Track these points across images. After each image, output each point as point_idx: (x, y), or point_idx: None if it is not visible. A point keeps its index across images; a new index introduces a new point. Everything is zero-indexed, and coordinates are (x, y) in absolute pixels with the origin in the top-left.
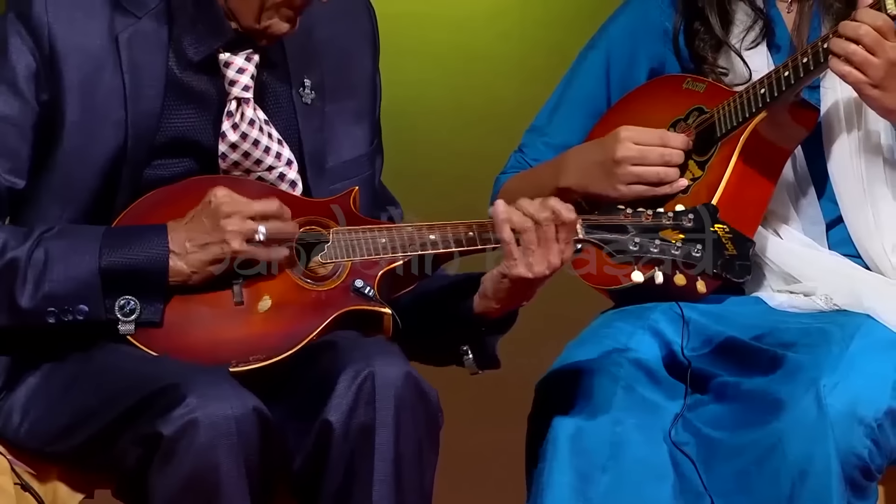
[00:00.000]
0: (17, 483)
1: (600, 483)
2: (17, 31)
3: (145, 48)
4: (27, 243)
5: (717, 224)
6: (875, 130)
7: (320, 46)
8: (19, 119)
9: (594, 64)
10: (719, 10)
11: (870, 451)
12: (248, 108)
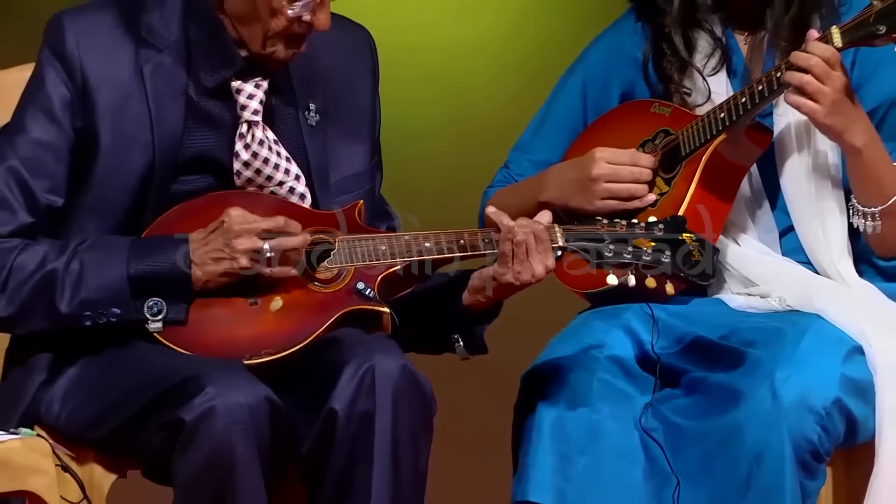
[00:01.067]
0: (58, 464)
1: (579, 464)
2: (52, 64)
3: (167, 78)
4: (64, 255)
5: (685, 233)
6: (823, 151)
7: (324, 75)
8: (56, 144)
9: (573, 89)
10: (683, 34)
11: (819, 436)
12: (258, 129)
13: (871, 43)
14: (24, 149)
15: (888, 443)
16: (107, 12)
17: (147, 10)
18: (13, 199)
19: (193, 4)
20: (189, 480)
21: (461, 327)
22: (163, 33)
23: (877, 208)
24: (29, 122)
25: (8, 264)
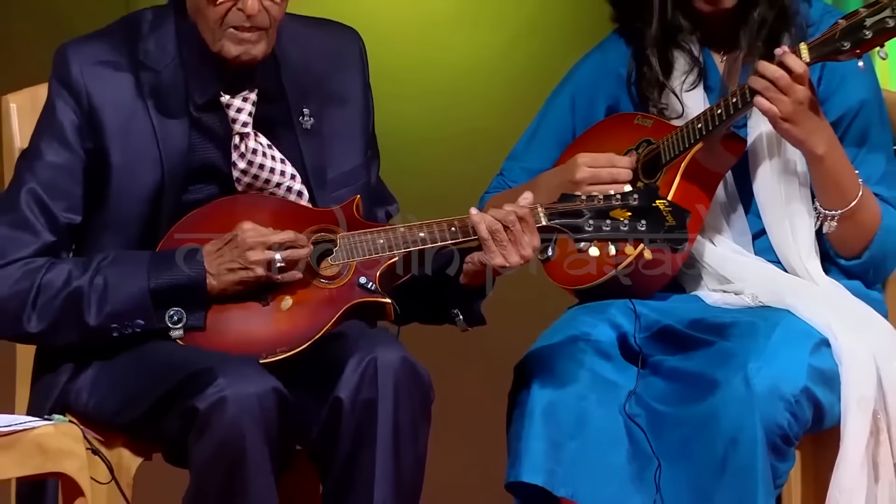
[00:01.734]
0: (89, 448)
1: (568, 448)
2: (60, 93)
3: (167, 96)
4: (88, 272)
5: (658, 200)
6: (792, 159)
7: (317, 80)
8: (70, 166)
9: (562, 103)
10: (661, 56)
11: (789, 421)
12: (249, 140)
13: (836, 58)
14: (42, 173)
15: (852, 428)
16: (107, 40)
17: (144, 37)
18: (35, 220)
19: (183, 27)
20: (203, 464)
21: (459, 302)
22: (159, 56)
23: (837, 212)
24: (44, 147)
25: (36, 283)
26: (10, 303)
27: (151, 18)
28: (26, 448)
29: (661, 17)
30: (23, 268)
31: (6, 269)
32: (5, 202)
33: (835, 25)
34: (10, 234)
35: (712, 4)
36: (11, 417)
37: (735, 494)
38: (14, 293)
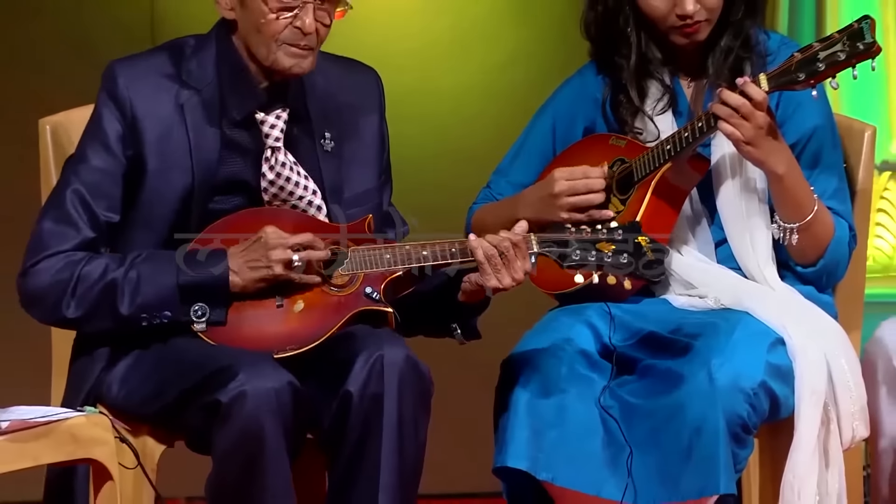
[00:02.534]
0: (117, 437)
1: (549, 437)
2: (107, 105)
3: (204, 113)
4: (123, 266)
5: (641, 237)
6: (752, 178)
7: (339, 109)
8: (112, 170)
9: (544, 124)
10: (637, 86)
11: (748, 412)
12: (280, 154)
13: (792, 87)
14: (86, 175)
15: (805, 419)
16: (152, 60)
17: (187, 57)
18: (78, 218)
19: (224, 51)
20: (224, 452)
21: (458, 318)
22: (200, 76)
23: (796, 224)
24: (89, 152)
25: (76, 274)
26: (52, 290)
27: (194, 44)
28: (61, 437)
29: (639, 51)
30: (64, 259)
31: (49, 261)
32: (52, 200)
33: (791, 58)
34: (54, 228)
35: (688, 38)
36: (48, 409)
37: (699, 478)
38: (56, 282)
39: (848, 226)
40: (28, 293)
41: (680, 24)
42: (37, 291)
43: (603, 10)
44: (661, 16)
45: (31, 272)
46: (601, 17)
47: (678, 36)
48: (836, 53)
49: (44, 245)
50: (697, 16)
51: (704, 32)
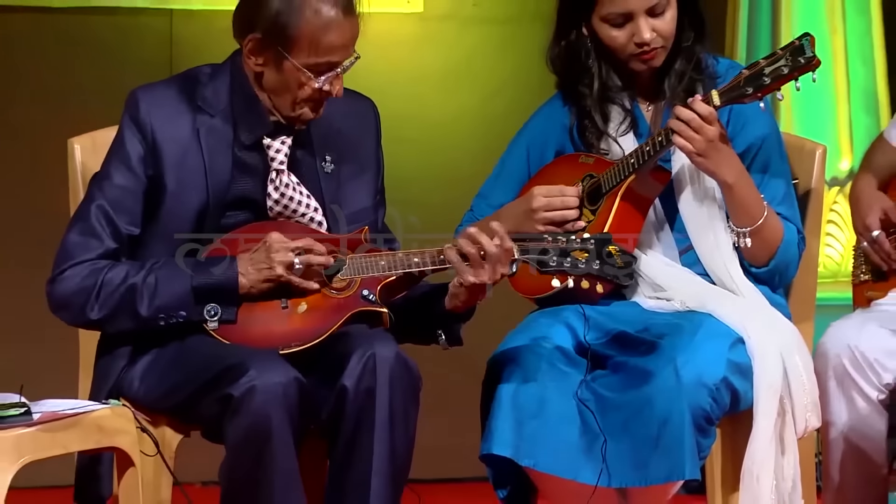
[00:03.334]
0: (138, 427)
1: (530, 426)
2: (130, 128)
3: (217, 137)
4: (142, 272)
5: (611, 246)
6: (710, 186)
7: (338, 135)
8: (133, 188)
9: (519, 150)
10: (601, 111)
11: (711, 405)
12: (284, 176)
13: (741, 101)
14: (110, 192)
15: (763, 410)
16: (171, 87)
17: (202, 85)
18: (101, 230)
19: (237, 81)
20: (236, 441)
21: (443, 326)
22: (214, 103)
23: (747, 228)
24: (113, 171)
25: (100, 280)
26: (78, 295)
27: (209, 72)
28: (88, 427)
29: (600, 79)
30: (89, 267)
31: (75, 268)
32: (78, 213)
33: (740, 74)
34: (80, 240)
35: (646, 64)
36: (76, 402)
37: (667, 464)
38: (81, 288)
39: (796, 229)
40: (56, 298)
41: (638, 52)
42: (64, 297)
43: (566, 44)
44: (621, 45)
45: (58, 279)
46: (564, 51)
47: (637, 63)
48: (780, 68)
49: (70, 255)
50: (654, 43)
51: (660, 58)
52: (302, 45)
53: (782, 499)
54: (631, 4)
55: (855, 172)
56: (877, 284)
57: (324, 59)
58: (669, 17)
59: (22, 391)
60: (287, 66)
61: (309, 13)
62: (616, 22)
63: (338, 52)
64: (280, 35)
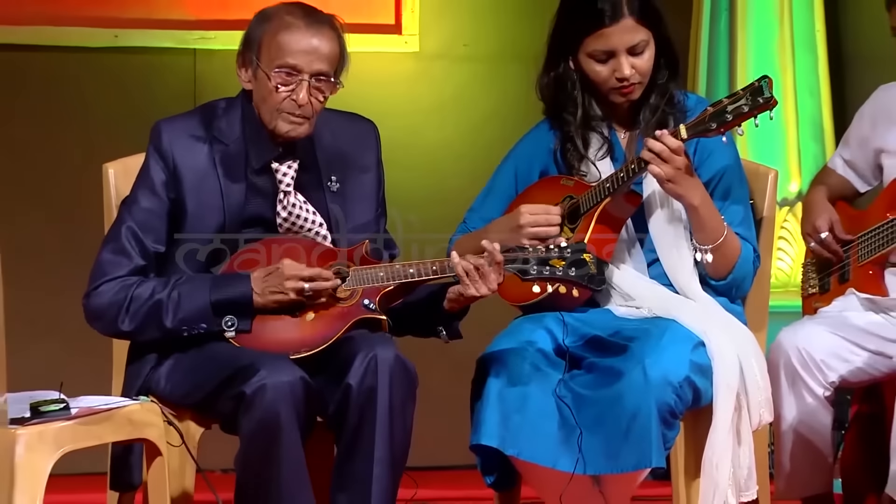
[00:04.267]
0: (165, 420)
1: (514, 420)
2: (154, 156)
3: (231, 163)
4: (167, 289)
5: (585, 254)
6: (677, 209)
7: (342, 156)
8: (158, 210)
9: (508, 170)
10: (582, 137)
11: (675, 401)
12: (291, 196)
13: (706, 134)
14: (138, 214)
15: (721, 406)
16: (190, 119)
17: (218, 117)
18: (131, 249)
19: (248, 112)
20: (249, 433)
21: (443, 322)
22: (228, 133)
23: (709, 246)
24: (140, 195)
25: (129, 295)
26: (110, 309)
27: (224, 105)
28: (120, 421)
29: (583, 108)
30: (120, 283)
31: (108, 284)
32: (110, 234)
33: (705, 111)
34: (112, 258)
35: (624, 97)
36: (110, 398)
37: (635, 454)
38: (113, 302)
39: (752, 248)
40: (91, 311)
41: (618, 86)
42: (98, 310)
43: (554, 76)
44: (604, 79)
45: (93, 294)
46: (552, 82)
47: (617, 95)
48: (741, 106)
49: (104, 272)
50: (633, 78)
51: (638, 93)
52: (266, 50)
53: (739, 485)
54: (614, 44)
55: (803, 194)
56: (823, 296)
57: (283, 61)
58: (647, 57)
59: (61, 389)
60: (260, 74)
61: (275, 22)
62: (600, 58)
63: (296, 55)
64: (253, 44)
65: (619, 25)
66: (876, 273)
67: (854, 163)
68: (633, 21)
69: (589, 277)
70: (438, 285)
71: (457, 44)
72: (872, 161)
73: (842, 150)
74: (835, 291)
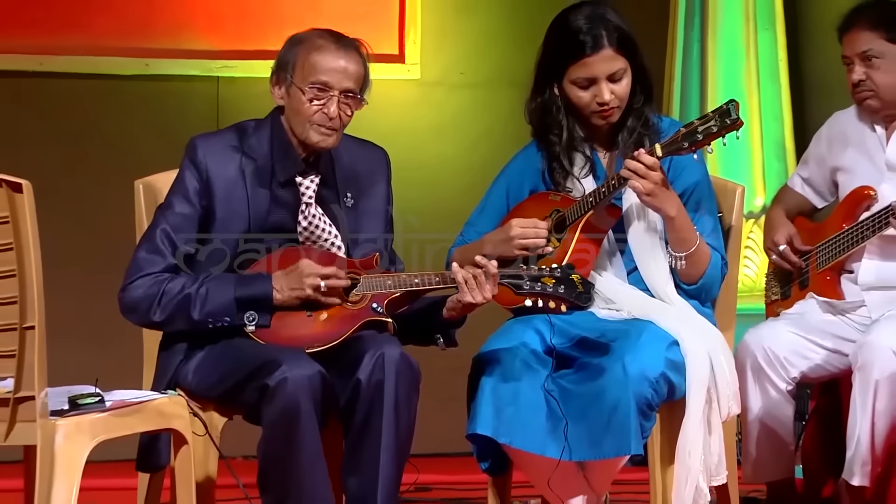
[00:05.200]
0: (191, 412)
1: (507, 412)
2: (189, 168)
3: (258, 176)
4: (195, 284)
5: (574, 275)
6: (653, 220)
7: (357, 176)
8: (190, 215)
9: (501, 187)
10: (567, 156)
11: (652, 395)
12: (311, 208)
13: (679, 153)
14: (171, 218)
15: (694, 399)
16: (223, 136)
17: (248, 135)
18: (164, 249)
19: (276, 131)
20: (271, 423)
21: (441, 330)
22: (257, 149)
23: (683, 254)
24: (174, 201)
25: (162, 289)
26: (144, 301)
27: (254, 125)
28: (150, 412)
29: (567, 131)
30: (153, 278)
31: (142, 279)
32: (146, 235)
33: (678, 132)
34: (147, 256)
35: (604, 120)
36: (141, 392)
37: (616, 442)
38: (147, 295)
39: (721, 256)
40: (127, 304)
41: (599, 110)
42: (133, 302)
43: (540, 101)
44: (585, 104)
45: (128, 288)
46: (539, 106)
47: (597, 118)
48: (711, 127)
49: (140, 268)
50: (612, 103)
51: (616, 116)
52: (300, 68)
53: (709, 470)
54: (595, 72)
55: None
56: (784, 302)
57: (316, 78)
58: (625, 83)
59: (97, 384)
60: (293, 90)
61: (307, 44)
62: (582, 85)
63: (328, 73)
64: (287, 65)
65: (600, 55)
66: (833, 279)
67: (812, 180)
68: (612, 51)
69: (577, 295)
70: (438, 297)
71: (454, 72)
72: (829, 178)
73: (801, 169)
74: (796, 296)
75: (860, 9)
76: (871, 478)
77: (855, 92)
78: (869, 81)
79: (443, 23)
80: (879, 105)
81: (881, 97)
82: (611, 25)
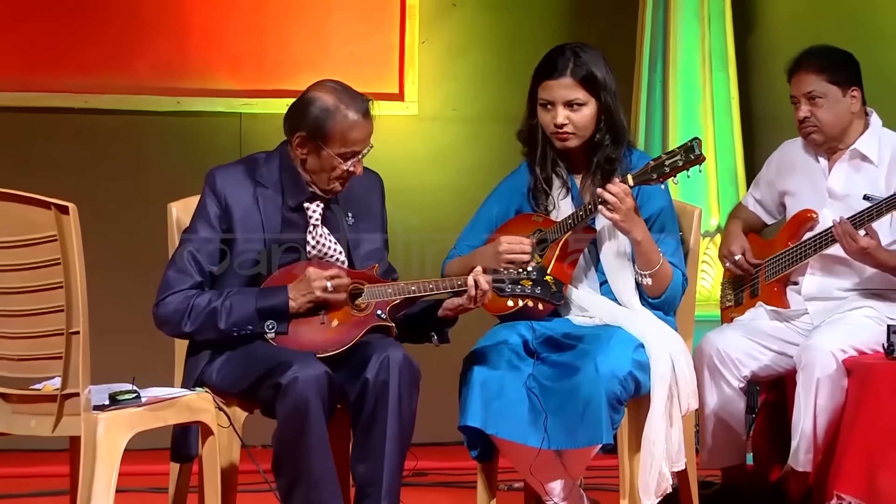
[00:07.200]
0: (216, 407)
1: (494, 405)
2: (209, 195)
3: (271, 203)
4: (220, 298)
5: (547, 276)
6: (622, 242)
7: (356, 198)
8: (213, 238)
9: (490, 207)
10: (545, 179)
11: (620, 391)
12: (318, 229)
13: (648, 183)
14: (196, 242)
15: (657, 395)
16: (238, 167)
17: (259, 166)
18: (191, 268)
19: (285, 162)
20: (284, 417)
21: (435, 329)
22: (268, 178)
23: (648, 272)
24: (198, 226)
25: (191, 304)
26: (175, 315)
27: (264, 157)
28: (181, 407)
29: (544, 152)
30: (183, 295)
31: (173, 296)
32: (174, 257)
33: (647, 164)
34: (176, 276)
35: (561, 142)
36: (172, 389)
37: (589, 433)
38: (177, 310)
39: (682, 273)
40: (160, 318)
41: (555, 131)
42: (165, 316)
43: (528, 126)
44: (546, 125)
45: (161, 304)
46: (526, 131)
47: (556, 140)
48: (676, 161)
49: (170, 286)
50: (566, 128)
51: (573, 142)
52: (335, 140)
53: (671, 457)
54: (553, 95)
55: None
56: (737, 308)
57: (350, 149)
58: (585, 114)
59: (134, 381)
60: (324, 155)
61: (339, 117)
62: (545, 106)
63: (360, 143)
64: (319, 133)
65: (560, 81)
66: (780, 290)
67: (763, 201)
68: (573, 81)
69: (551, 294)
70: (432, 301)
71: (448, 108)
72: (777, 200)
73: (753, 191)
74: (747, 304)
75: (807, 54)
76: (813, 464)
77: (801, 127)
78: (813, 118)
79: (438, 65)
80: (822, 139)
81: (824, 132)
82: (580, 61)
